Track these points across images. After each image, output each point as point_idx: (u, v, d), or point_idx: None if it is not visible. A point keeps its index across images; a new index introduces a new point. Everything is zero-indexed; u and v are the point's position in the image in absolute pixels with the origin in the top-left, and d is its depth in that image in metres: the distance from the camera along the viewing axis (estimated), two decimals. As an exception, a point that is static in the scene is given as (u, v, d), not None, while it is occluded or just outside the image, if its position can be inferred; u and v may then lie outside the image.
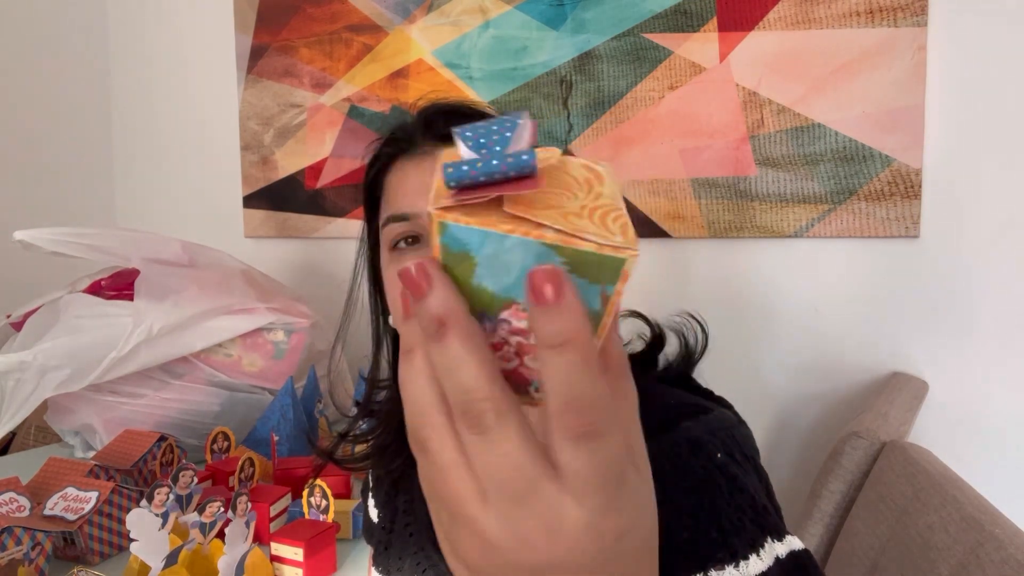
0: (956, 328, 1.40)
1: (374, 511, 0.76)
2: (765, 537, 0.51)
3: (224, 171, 1.83)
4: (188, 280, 1.27)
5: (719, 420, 0.58)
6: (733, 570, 0.49)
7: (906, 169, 1.39)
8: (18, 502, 0.89)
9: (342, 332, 0.73)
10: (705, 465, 0.53)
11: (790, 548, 0.51)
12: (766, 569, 0.49)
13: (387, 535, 0.70)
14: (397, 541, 0.69)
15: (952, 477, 0.88)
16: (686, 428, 0.56)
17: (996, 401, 1.38)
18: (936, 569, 0.76)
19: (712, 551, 0.50)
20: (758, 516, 0.52)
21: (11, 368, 1.11)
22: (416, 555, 0.65)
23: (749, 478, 0.54)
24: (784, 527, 0.53)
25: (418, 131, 0.66)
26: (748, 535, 0.50)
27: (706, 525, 0.51)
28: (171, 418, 1.24)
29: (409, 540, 0.67)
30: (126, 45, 1.93)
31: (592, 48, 1.54)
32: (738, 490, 0.52)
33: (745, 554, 0.50)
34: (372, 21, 1.68)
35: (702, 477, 0.53)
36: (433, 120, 0.66)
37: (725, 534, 0.50)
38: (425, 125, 0.66)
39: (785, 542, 0.51)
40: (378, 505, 0.75)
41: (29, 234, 1.19)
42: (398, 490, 0.71)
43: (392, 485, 0.72)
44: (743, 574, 0.49)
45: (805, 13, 1.42)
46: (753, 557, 0.50)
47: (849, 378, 1.46)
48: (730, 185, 1.48)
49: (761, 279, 1.49)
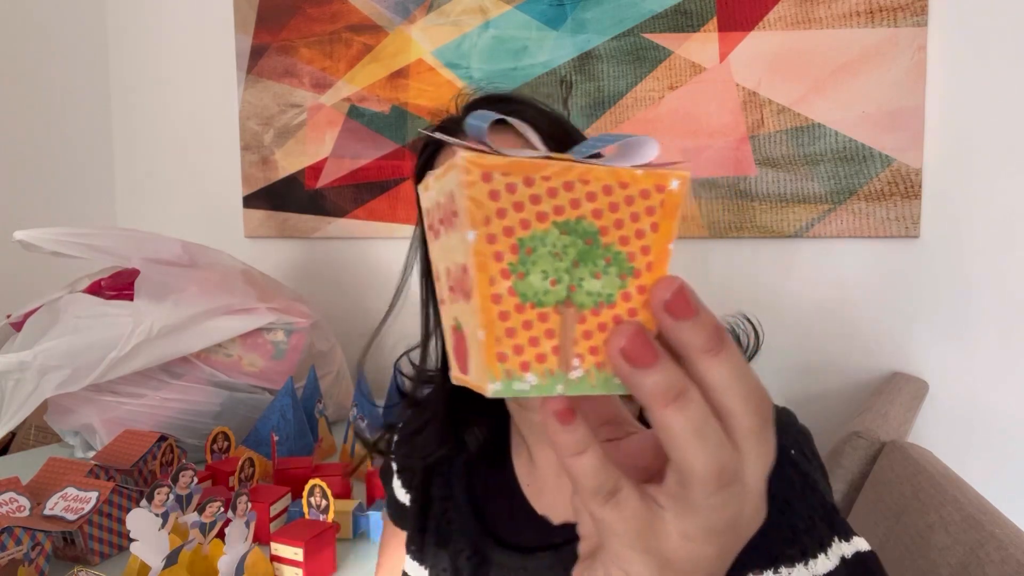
0: (956, 328, 1.40)
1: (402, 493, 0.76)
2: (833, 536, 0.51)
3: (224, 171, 1.83)
4: (188, 280, 1.27)
5: (788, 416, 0.59)
6: (803, 568, 0.50)
7: (906, 169, 1.39)
8: (18, 502, 0.89)
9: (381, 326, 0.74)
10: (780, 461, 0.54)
11: (856, 548, 0.52)
12: (833, 568, 0.50)
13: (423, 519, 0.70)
14: (433, 525, 0.69)
15: (952, 477, 0.88)
16: None
17: (996, 401, 1.38)
18: (936, 569, 0.76)
19: (784, 548, 0.50)
20: (828, 515, 0.52)
21: (11, 368, 1.11)
22: (458, 540, 0.66)
23: (818, 476, 0.55)
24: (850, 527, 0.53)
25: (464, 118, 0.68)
26: (818, 534, 0.51)
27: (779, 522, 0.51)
28: (171, 418, 1.24)
29: (448, 526, 0.67)
30: (126, 45, 1.93)
31: (592, 48, 1.54)
32: (810, 488, 0.53)
33: (815, 553, 0.50)
34: (372, 21, 1.68)
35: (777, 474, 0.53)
36: (477, 107, 0.68)
37: (797, 532, 0.51)
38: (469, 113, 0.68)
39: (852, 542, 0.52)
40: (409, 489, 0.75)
41: (29, 234, 1.19)
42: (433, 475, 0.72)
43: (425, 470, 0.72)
44: (811, 572, 0.49)
45: (805, 13, 1.42)
46: (821, 556, 0.50)
47: (849, 378, 1.46)
48: (730, 185, 1.48)
49: (761, 279, 1.49)
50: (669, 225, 0.25)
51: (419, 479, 0.73)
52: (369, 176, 1.69)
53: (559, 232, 0.25)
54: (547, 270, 0.25)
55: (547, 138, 0.66)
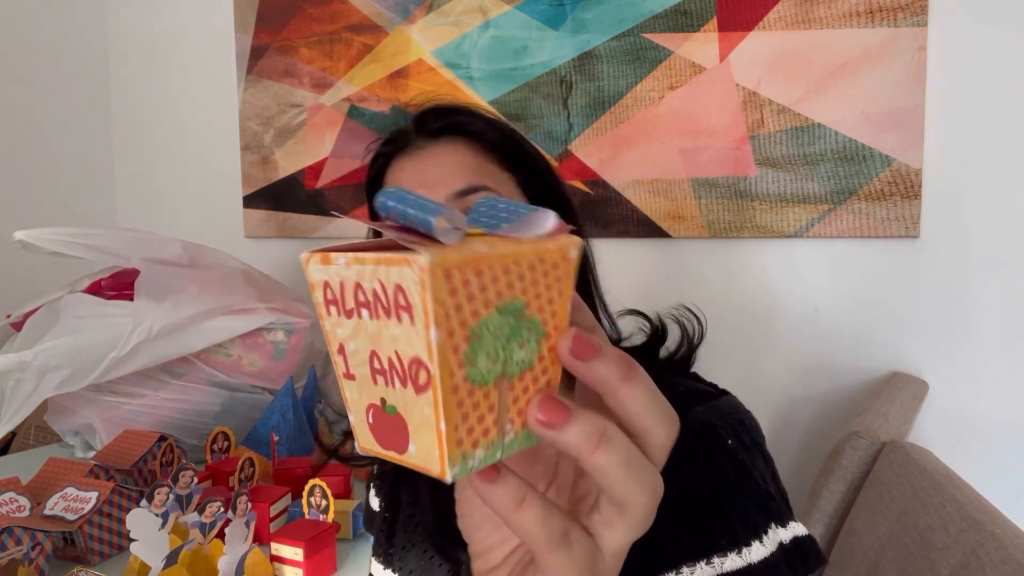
0: (956, 328, 1.40)
1: (375, 500, 0.77)
2: (769, 523, 0.52)
3: (224, 171, 1.83)
4: (188, 280, 1.27)
5: (729, 405, 0.59)
6: (736, 557, 0.50)
7: (906, 169, 1.39)
8: (18, 502, 0.89)
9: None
10: (714, 451, 0.54)
11: (794, 534, 0.52)
12: (768, 555, 0.50)
13: (390, 524, 0.71)
14: (401, 530, 0.69)
15: (952, 477, 0.88)
16: (697, 412, 0.57)
17: (996, 401, 1.38)
18: (936, 569, 0.76)
19: (716, 538, 0.51)
20: (762, 502, 0.52)
21: (11, 368, 1.11)
22: (422, 543, 0.66)
23: (756, 464, 0.55)
24: (789, 513, 0.54)
25: (411, 130, 0.70)
26: (751, 522, 0.51)
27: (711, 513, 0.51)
28: (171, 418, 1.24)
29: (415, 530, 0.68)
30: (126, 45, 1.93)
31: (592, 48, 1.54)
32: (744, 477, 0.53)
33: (748, 541, 0.51)
34: (372, 21, 1.68)
35: (711, 465, 0.53)
36: (425, 118, 0.69)
37: (729, 521, 0.51)
38: (418, 124, 0.69)
39: (789, 528, 0.52)
40: (380, 495, 0.75)
41: (29, 234, 1.19)
42: (402, 482, 0.72)
43: (396, 477, 0.73)
44: (745, 560, 0.50)
45: (805, 13, 1.42)
46: (756, 544, 0.51)
47: (849, 378, 1.46)
48: (730, 185, 1.48)
49: (761, 279, 1.49)
50: (569, 288, 0.28)
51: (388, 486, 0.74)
52: (369, 176, 1.69)
53: (498, 314, 0.26)
54: (490, 352, 0.26)
55: (497, 151, 0.67)
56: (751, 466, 0.54)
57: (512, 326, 0.27)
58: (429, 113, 0.69)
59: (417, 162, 0.67)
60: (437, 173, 0.65)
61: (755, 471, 0.54)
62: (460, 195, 0.63)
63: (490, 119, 0.69)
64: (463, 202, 0.64)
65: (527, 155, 0.69)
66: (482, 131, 0.67)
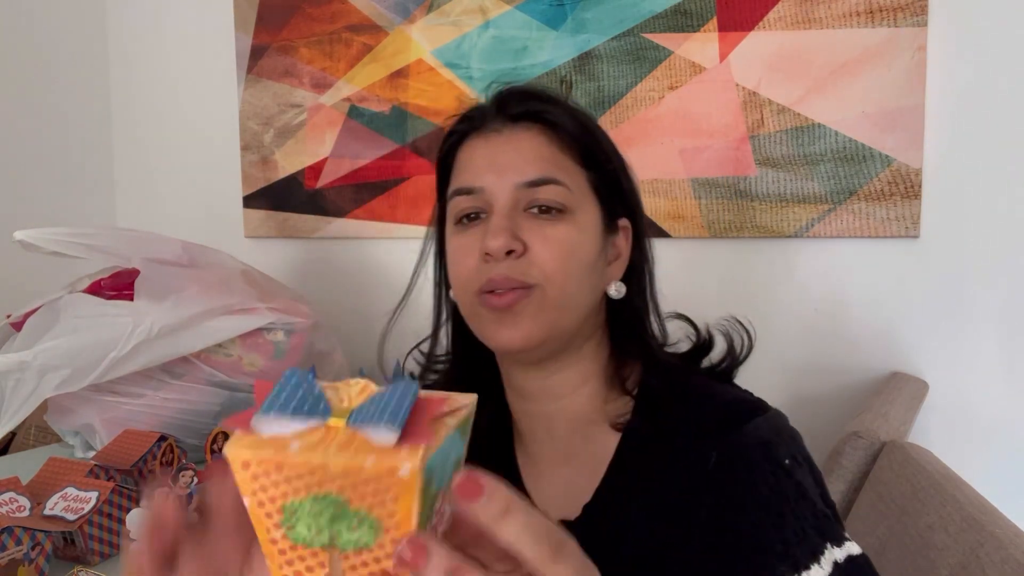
0: (956, 328, 1.40)
1: None
2: (825, 543, 0.52)
3: (224, 171, 1.83)
4: (188, 280, 1.27)
5: (781, 419, 0.59)
6: None
7: (906, 169, 1.39)
8: (18, 502, 0.89)
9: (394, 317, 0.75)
10: (775, 471, 0.54)
11: (848, 553, 0.52)
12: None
13: None
14: None
15: (952, 477, 0.88)
16: (755, 428, 0.57)
17: (996, 401, 1.38)
18: (936, 569, 0.76)
19: (775, 562, 0.51)
20: (819, 523, 0.53)
21: (11, 368, 1.11)
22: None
23: (810, 482, 0.55)
24: (842, 531, 0.54)
25: (491, 110, 0.68)
26: (810, 545, 0.51)
27: (771, 537, 0.51)
28: (171, 418, 1.24)
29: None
30: (125, 45, 1.93)
31: (592, 48, 1.54)
32: (802, 497, 0.53)
33: (808, 564, 0.51)
34: (372, 21, 1.68)
35: (771, 484, 0.53)
36: (507, 100, 0.67)
37: (788, 545, 0.51)
38: (499, 105, 0.67)
39: (844, 547, 0.52)
40: None
41: (29, 234, 1.19)
42: None
43: None
44: None
45: (805, 13, 1.42)
46: (815, 567, 0.51)
47: (849, 378, 1.45)
48: (730, 185, 1.48)
49: (761, 279, 1.49)
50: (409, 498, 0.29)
51: None
52: (369, 176, 1.69)
53: (313, 502, 0.30)
54: (310, 525, 0.30)
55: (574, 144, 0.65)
56: (806, 485, 0.54)
57: (335, 513, 0.30)
58: (512, 95, 0.68)
59: (492, 145, 0.66)
60: (509, 160, 0.64)
61: (811, 490, 0.54)
62: (529, 186, 0.63)
63: (573, 110, 0.68)
64: (531, 193, 0.63)
65: (604, 153, 0.68)
66: (563, 122, 0.66)
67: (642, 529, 0.58)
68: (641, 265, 0.72)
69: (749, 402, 0.62)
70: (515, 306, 0.60)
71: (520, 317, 0.61)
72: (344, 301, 1.74)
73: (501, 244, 0.60)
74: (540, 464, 0.68)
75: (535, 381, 0.67)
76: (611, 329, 0.69)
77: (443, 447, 0.31)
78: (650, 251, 0.72)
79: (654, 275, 0.73)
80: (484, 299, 0.62)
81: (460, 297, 0.66)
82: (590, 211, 0.65)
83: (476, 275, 0.62)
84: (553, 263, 0.61)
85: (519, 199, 0.63)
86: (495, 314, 0.61)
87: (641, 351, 0.68)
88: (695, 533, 0.55)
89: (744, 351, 0.71)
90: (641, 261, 0.71)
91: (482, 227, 0.63)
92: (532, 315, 0.61)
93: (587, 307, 0.65)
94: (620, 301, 0.68)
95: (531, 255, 0.61)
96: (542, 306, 0.61)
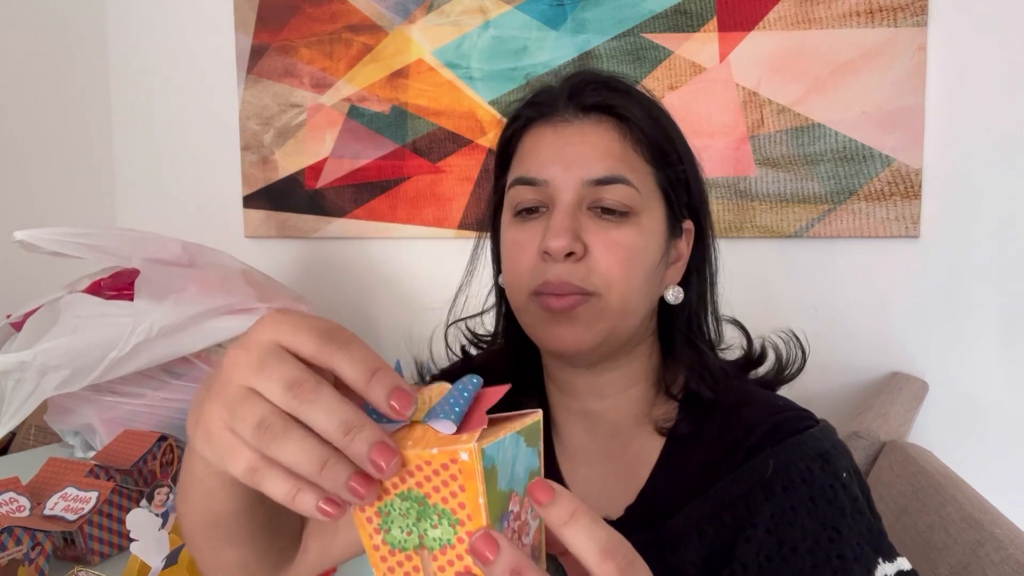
0: (956, 328, 1.40)
1: None
2: (878, 559, 0.51)
3: (224, 171, 1.83)
4: (188, 280, 1.27)
5: (833, 431, 0.58)
6: None
7: (906, 169, 1.39)
8: (18, 502, 0.89)
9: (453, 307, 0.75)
10: (833, 484, 0.53)
11: (899, 568, 0.51)
12: None
13: None
14: None
15: (952, 477, 0.88)
16: (813, 437, 0.55)
17: (996, 401, 1.38)
18: (936, 569, 0.76)
19: None
20: (874, 539, 0.52)
21: (11, 368, 1.11)
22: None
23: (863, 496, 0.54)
24: (893, 546, 0.53)
25: (562, 97, 0.64)
26: (865, 561, 0.50)
27: (827, 551, 0.51)
28: (171, 418, 1.24)
29: None
30: (126, 45, 1.93)
31: (592, 48, 1.54)
32: (858, 512, 0.52)
33: None
34: (372, 21, 1.68)
35: (829, 498, 0.52)
36: (580, 89, 0.63)
37: (844, 560, 0.50)
38: (571, 93, 0.64)
39: (895, 563, 0.52)
40: None
41: (29, 234, 1.19)
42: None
43: None
44: None
45: (805, 13, 1.42)
46: None
47: (849, 378, 1.45)
48: (730, 185, 1.48)
49: (761, 279, 1.49)
50: (473, 484, 0.32)
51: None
52: (369, 176, 1.69)
53: (400, 500, 0.33)
54: (401, 526, 0.34)
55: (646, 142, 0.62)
56: (862, 499, 0.53)
57: (419, 510, 0.33)
58: (586, 83, 0.64)
59: (560, 135, 0.62)
60: (578, 154, 0.60)
61: (866, 504, 0.53)
62: (596, 183, 0.59)
63: (648, 105, 0.64)
64: (596, 191, 0.59)
65: (676, 152, 0.65)
66: (637, 118, 0.62)
67: (691, 536, 0.56)
68: (703, 268, 0.69)
69: (798, 408, 0.60)
70: (572, 311, 0.58)
71: (576, 322, 0.58)
72: (344, 301, 1.74)
73: (563, 245, 0.57)
74: (576, 459, 0.67)
75: (582, 379, 0.65)
76: (662, 331, 0.67)
77: (504, 442, 0.33)
78: (715, 253, 0.69)
79: (716, 278, 0.70)
80: (540, 300, 0.59)
81: (513, 294, 0.64)
82: (656, 214, 0.62)
83: (532, 274, 0.60)
84: (614, 271, 0.59)
85: (584, 197, 0.60)
86: (550, 315, 0.59)
87: (691, 356, 0.65)
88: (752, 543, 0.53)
89: (795, 368, 0.68)
90: (703, 264, 0.68)
91: (542, 222, 0.60)
92: (588, 322, 0.59)
93: (644, 313, 0.63)
94: (676, 304, 0.65)
95: (592, 260, 0.59)
96: (600, 315, 0.59)
